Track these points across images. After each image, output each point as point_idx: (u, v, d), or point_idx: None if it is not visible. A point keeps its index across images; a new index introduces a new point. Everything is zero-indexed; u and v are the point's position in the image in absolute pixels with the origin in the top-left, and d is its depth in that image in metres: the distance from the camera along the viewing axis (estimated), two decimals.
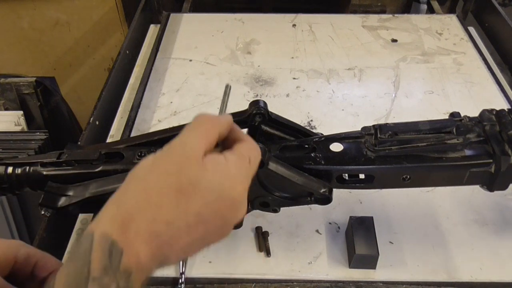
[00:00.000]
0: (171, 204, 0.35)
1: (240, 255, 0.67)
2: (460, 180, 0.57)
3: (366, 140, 0.57)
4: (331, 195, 0.56)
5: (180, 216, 0.35)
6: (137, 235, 0.33)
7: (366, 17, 1.22)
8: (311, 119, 0.90)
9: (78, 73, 1.66)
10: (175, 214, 0.35)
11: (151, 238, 0.34)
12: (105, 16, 1.53)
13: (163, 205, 0.35)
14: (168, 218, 0.34)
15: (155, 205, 0.34)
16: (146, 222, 0.34)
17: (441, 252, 0.67)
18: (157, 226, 0.34)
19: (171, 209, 0.35)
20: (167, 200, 0.35)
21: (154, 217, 0.34)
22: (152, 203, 0.34)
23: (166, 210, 0.35)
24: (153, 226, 0.34)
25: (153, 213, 0.34)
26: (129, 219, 0.34)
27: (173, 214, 0.35)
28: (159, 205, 0.34)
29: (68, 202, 0.57)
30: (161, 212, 0.34)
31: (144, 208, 0.34)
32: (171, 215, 0.35)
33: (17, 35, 1.53)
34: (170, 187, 0.35)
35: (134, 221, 0.34)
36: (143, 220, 0.34)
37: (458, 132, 0.56)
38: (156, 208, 0.34)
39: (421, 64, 1.05)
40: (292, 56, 1.08)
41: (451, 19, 1.21)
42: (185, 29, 1.19)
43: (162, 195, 0.35)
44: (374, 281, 0.63)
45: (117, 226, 0.34)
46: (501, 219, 0.71)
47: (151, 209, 0.34)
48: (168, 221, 0.34)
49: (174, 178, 0.35)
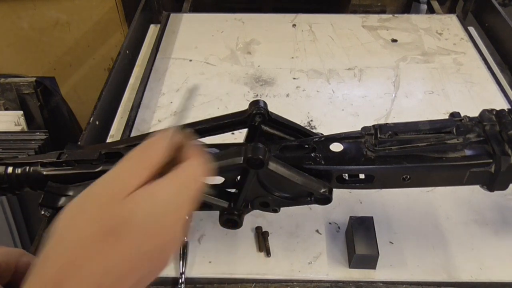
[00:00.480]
0: (100, 255, 0.31)
1: (240, 255, 0.67)
2: (460, 180, 0.57)
3: (366, 140, 0.57)
4: (331, 195, 0.56)
5: (114, 264, 0.31)
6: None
7: (366, 17, 1.22)
8: (311, 119, 0.90)
9: (78, 73, 1.66)
10: (107, 264, 0.31)
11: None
12: (105, 16, 1.53)
13: (92, 259, 0.31)
14: (100, 271, 0.31)
15: (80, 266, 0.31)
16: (77, 285, 0.30)
17: (441, 252, 0.67)
18: (91, 283, 0.31)
19: (100, 261, 0.31)
20: (94, 253, 0.31)
21: (82, 280, 0.30)
22: (77, 264, 0.31)
23: (95, 265, 0.31)
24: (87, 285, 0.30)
25: (81, 275, 0.30)
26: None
27: (104, 264, 0.31)
28: (87, 260, 0.31)
29: (68, 202, 0.57)
30: (90, 268, 0.31)
31: (70, 275, 0.30)
32: (102, 266, 0.31)
33: (17, 35, 1.53)
34: (95, 237, 0.31)
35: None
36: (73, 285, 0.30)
37: (458, 132, 0.56)
38: (84, 267, 0.31)
39: (421, 64, 1.05)
40: (292, 56, 1.08)
41: (451, 19, 1.21)
42: (185, 29, 1.19)
43: (88, 250, 0.31)
44: (374, 281, 0.63)
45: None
46: (501, 219, 0.71)
47: (78, 271, 0.31)
48: (103, 272, 0.31)
49: (97, 226, 0.31)
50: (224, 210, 0.59)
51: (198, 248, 0.67)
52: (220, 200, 0.58)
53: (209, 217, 0.71)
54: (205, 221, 0.71)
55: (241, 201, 0.57)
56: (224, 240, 0.68)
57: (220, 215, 0.59)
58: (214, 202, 0.58)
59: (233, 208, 0.58)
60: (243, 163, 0.52)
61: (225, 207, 0.58)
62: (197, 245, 0.68)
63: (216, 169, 0.54)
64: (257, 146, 0.52)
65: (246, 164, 0.52)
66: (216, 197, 0.58)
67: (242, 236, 0.69)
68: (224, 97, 0.96)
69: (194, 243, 0.68)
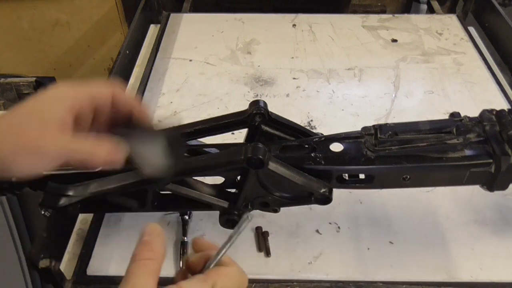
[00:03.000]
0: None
1: (240, 255, 0.66)
2: (460, 180, 0.57)
3: (366, 140, 0.57)
4: (331, 195, 0.56)
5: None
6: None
7: (366, 17, 1.22)
8: (311, 119, 0.90)
9: (78, 73, 1.66)
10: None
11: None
12: (105, 16, 1.53)
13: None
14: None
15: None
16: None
17: (441, 252, 0.67)
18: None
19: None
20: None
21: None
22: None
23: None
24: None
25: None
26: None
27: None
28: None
29: (68, 202, 0.57)
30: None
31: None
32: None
33: (17, 35, 1.53)
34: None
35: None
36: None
37: (458, 132, 0.56)
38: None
39: (421, 64, 1.05)
40: (292, 56, 1.08)
41: (451, 19, 1.21)
42: (185, 29, 1.19)
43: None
44: (374, 281, 0.63)
45: None
46: (501, 219, 0.71)
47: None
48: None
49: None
50: (224, 210, 0.59)
51: None
52: (220, 200, 0.58)
53: (209, 217, 0.71)
54: (205, 221, 0.71)
55: (241, 201, 0.58)
56: (224, 240, 0.68)
57: (220, 215, 0.59)
58: (214, 202, 0.58)
59: (233, 208, 0.58)
60: (243, 163, 0.52)
61: (225, 207, 0.58)
62: None
63: (215, 168, 0.54)
64: (257, 146, 0.52)
65: (246, 164, 0.52)
66: (216, 197, 0.58)
67: (242, 236, 0.68)
68: (224, 97, 0.96)
69: None
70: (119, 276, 0.64)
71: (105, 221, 0.71)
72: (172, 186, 0.56)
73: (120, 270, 0.65)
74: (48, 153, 0.42)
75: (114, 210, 0.66)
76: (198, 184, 0.59)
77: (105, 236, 0.69)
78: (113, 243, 0.68)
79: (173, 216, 0.71)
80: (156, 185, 0.56)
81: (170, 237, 0.69)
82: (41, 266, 0.58)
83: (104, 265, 0.65)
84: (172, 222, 0.71)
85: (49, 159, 0.42)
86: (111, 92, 0.46)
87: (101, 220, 0.71)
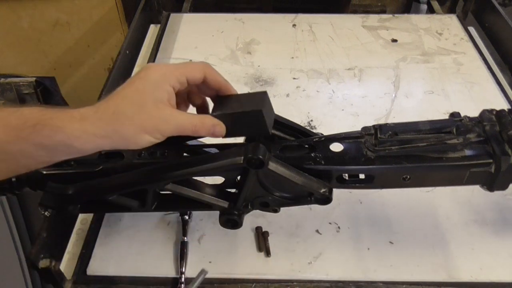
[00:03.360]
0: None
1: (240, 255, 0.67)
2: (460, 180, 0.57)
3: (366, 140, 0.57)
4: (331, 195, 0.56)
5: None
6: None
7: (366, 17, 1.22)
8: (311, 119, 0.90)
9: (78, 73, 1.66)
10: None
11: None
12: (105, 16, 1.53)
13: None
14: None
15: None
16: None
17: (441, 252, 0.67)
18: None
19: None
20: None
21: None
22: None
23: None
24: None
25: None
26: None
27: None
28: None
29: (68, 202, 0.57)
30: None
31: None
32: None
33: (17, 35, 1.53)
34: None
35: None
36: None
37: (458, 132, 0.56)
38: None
39: (421, 64, 1.05)
40: (292, 56, 1.08)
41: (451, 19, 1.21)
42: (185, 29, 1.19)
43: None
44: (374, 281, 0.63)
45: None
46: (501, 219, 0.71)
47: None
48: None
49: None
50: (224, 210, 0.59)
51: (198, 248, 0.67)
52: (220, 200, 0.58)
53: (209, 217, 0.71)
54: (205, 221, 0.71)
55: (241, 201, 0.58)
56: (224, 240, 0.68)
57: (220, 215, 0.59)
58: (214, 202, 0.58)
59: (233, 208, 0.58)
60: (243, 163, 0.52)
61: (225, 207, 0.58)
62: (197, 245, 0.68)
63: (215, 169, 0.54)
64: (257, 146, 0.52)
65: (246, 164, 0.52)
66: (216, 197, 0.58)
67: (242, 236, 0.69)
68: None
69: (194, 243, 0.68)
70: (119, 276, 0.64)
71: (105, 221, 0.71)
72: (172, 186, 0.56)
73: (120, 270, 0.65)
74: (169, 128, 0.49)
75: (114, 210, 0.66)
76: (198, 184, 0.59)
77: (105, 236, 0.69)
78: (113, 243, 0.68)
79: (173, 216, 0.71)
80: (156, 185, 0.56)
81: (170, 237, 0.69)
82: (41, 266, 0.58)
83: (104, 265, 0.65)
84: (172, 222, 0.71)
85: (167, 133, 0.49)
86: (204, 72, 0.53)
87: (101, 220, 0.71)
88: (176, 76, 0.51)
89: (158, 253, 0.67)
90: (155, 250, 0.67)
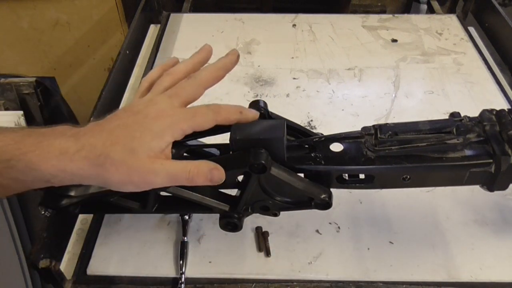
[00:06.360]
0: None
1: (240, 255, 0.67)
2: (460, 180, 0.57)
3: (366, 140, 0.57)
4: (331, 201, 0.57)
5: None
6: None
7: (366, 17, 1.22)
8: (311, 119, 0.90)
9: (78, 73, 1.66)
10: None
11: None
12: (105, 16, 1.53)
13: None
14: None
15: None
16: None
17: (441, 252, 0.67)
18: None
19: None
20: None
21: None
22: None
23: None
24: None
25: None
26: None
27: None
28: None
29: (68, 202, 0.57)
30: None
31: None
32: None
33: (17, 35, 1.53)
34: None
35: None
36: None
37: (458, 132, 0.56)
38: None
39: (421, 64, 1.05)
40: (292, 56, 1.08)
41: (451, 19, 1.21)
42: (185, 29, 1.19)
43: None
44: (374, 281, 0.63)
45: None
46: (501, 219, 0.71)
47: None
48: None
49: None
50: (224, 213, 0.59)
51: (198, 248, 0.67)
52: (221, 203, 0.58)
53: (209, 217, 0.71)
54: (205, 221, 0.71)
55: (242, 204, 0.58)
56: (224, 240, 0.68)
57: (220, 218, 0.59)
58: (215, 205, 0.58)
59: (233, 211, 0.58)
60: (246, 168, 0.52)
61: (225, 210, 0.59)
62: (197, 245, 0.68)
63: None
64: (259, 151, 0.52)
65: (248, 169, 0.52)
66: (217, 200, 0.58)
67: (242, 236, 0.69)
68: (224, 97, 0.96)
69: (194, 243, 0.68)
70: (119, 276, 0.64)
71: (105, 221, 0.71)
72: (173, 189, 0.56)
73: (120, 270, 0.65)
74: (157, 181, 0.46)
75: (114, 211, 0.66)
76: (199, 187, 0.59)
77: (105, 236, 0.69)
78: (113, 243, 0.68)
79: (173, 216, 0.71)
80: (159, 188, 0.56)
81: (170, 237, 0.69)
82: (41, 266, 0.58)
83: (104, 265, 0.65)
84: (172, 222, 0.71)
85: (157, 185, 0.47)
86: (215, 122, 0.51)
87: (101, 220, 0.71)
88: (183, 129, 0.48)
89: (158, 253, 0.67)
90: (155, 250, 0.67)
